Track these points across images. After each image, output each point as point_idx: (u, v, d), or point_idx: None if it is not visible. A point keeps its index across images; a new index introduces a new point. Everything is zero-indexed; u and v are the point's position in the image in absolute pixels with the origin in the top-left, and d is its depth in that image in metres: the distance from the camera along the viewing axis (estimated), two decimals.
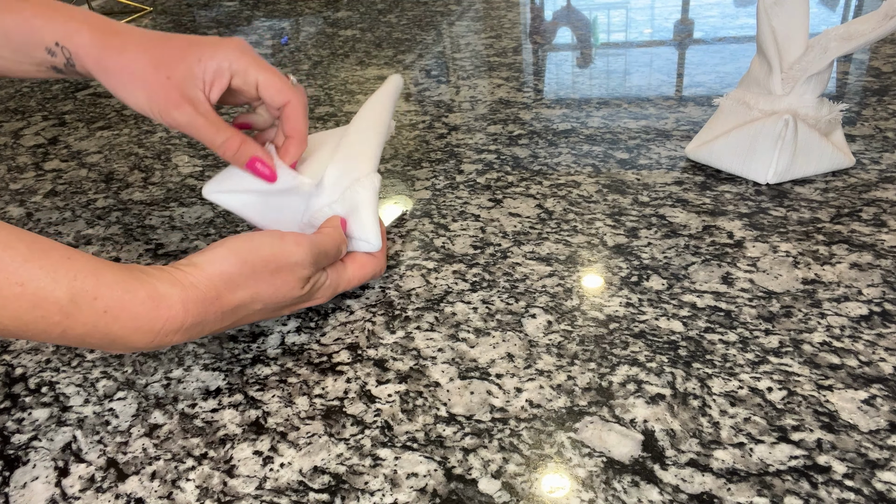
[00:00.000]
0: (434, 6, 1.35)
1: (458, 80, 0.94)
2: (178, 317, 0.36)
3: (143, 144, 0.82)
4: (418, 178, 0.67)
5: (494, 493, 0.34)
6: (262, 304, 0.40)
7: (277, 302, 0.41)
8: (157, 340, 0.36)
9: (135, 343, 0.35)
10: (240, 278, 0.39)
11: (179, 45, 0.44)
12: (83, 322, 0.33)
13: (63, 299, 0.33)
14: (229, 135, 0.45)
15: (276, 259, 0.40)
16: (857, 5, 1.13)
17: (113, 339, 0.35)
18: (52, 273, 0.33)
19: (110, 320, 0.34)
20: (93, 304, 0.33)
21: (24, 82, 1.13)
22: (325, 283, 0.44)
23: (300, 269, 0.41)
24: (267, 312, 0.42)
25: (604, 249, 0.52)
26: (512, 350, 0.43)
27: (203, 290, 0.37)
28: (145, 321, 0.35)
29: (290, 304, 0.43)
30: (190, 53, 0.44)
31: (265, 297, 0.40)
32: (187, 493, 0.36)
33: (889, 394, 0.37)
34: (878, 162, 0.61)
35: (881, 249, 0.49)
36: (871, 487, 0.32)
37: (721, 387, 0.39)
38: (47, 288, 0.32)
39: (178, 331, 0.36)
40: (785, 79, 0.58)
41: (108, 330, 0.34)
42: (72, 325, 0.33)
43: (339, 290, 0.46)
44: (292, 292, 0.41)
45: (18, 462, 0.39)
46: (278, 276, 0.40)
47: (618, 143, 0.69)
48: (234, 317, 0.39)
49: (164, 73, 0.43)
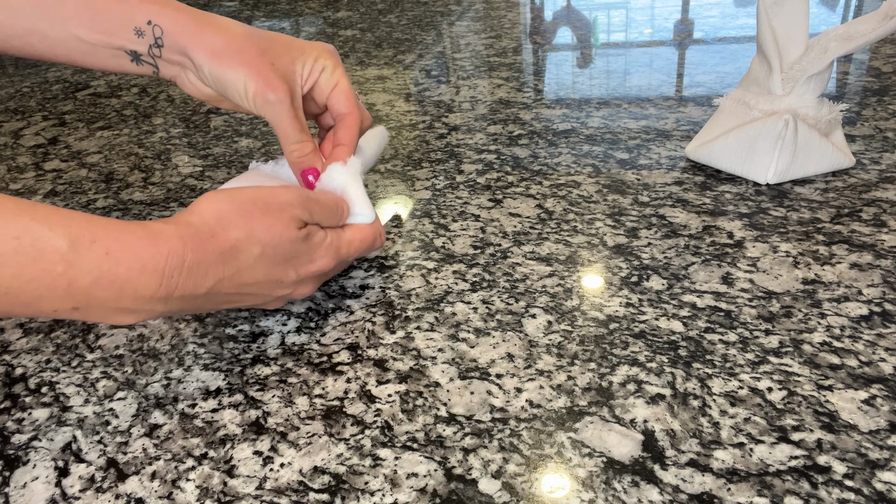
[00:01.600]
0: (434, 6, 1.35)
1: (458, 80, 0.94)
2: (179, 251, 0.35)
3: (143, 144, 0.82)
4: (418, 178, 0.67)
5: (494, 493, 0.34)
6: (260, 247, 0.39)
7: (276, 246, 0.40)
8: (165, 285, 0.35)
9: (144, 289, 0.35)
10: (230, 216, 0.38)
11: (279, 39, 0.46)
12: (88, 269, 0.33)
13: (62, 247, 0.32)
14: (305, 138, 0.46)
15: (264, 198, 0.40)
16: (857, 5, 1.13)
17: (121, 286, 0.34)
18: (45, 223, 0.32)
19: (114, 262, 0.33)
20: (92, 248, 0.33)
21: (24, 82, 1.13)
22: (326, 241, 0.43)
23: (290, 209, 0.41)
24: (270, 264, 0.40)
25: (604, 249, 0.52)
26: (512, 350, 0.43)
27: (197, 227, 0.37)
28: (148, 259, 0.34)
29: (291, 253, 0.41)
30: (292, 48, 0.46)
31: (261, 236, 0.39)
32: (187, 493, 0.36)
33: (889, 394, 0.37)
34: (878, 162, 0.61)
35: (881, 249, 0.49)
36: (871, 487, 0.32)
37: (721, 387, 0.39)
38: (44, 237, 0.32)
39: (181, 269, 0.36)
40: (785, 79, 0.58)
41: (115, 275, 0.33)
42: (77, 276, 0.32)
43: (341, 253, 0.45)
44: (288, 232, 0.40)
45: (18, 462, 0.39)
46: (269, 214, 0.40)
47: (618, 143, 0.69)
48: (237, 263, 0.39)
49: (269, 59, 0.44)
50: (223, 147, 0.79)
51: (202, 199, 0.39)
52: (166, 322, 0.49)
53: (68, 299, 0.33)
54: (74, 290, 0.33)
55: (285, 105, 0.44)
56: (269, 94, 0.44)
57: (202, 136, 0.83)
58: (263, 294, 0.42)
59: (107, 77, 1.13)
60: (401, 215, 0.60)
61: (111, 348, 0.47)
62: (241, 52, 0.44)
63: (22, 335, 0.49)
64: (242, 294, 0.41)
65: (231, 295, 0.40)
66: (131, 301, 0.35)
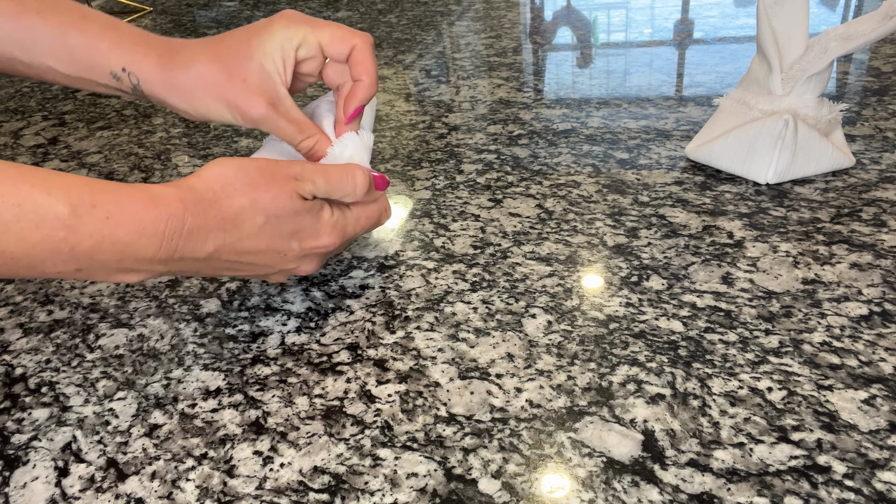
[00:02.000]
0: (434, 6, 1.35)
1: (458, 80, 0.93)
2: (179, 214, 0.36)
3: (143, 144, 0.82)
4: (418, 178, 0.67)
5: (494, 493, 0.34)
6: (264, 216, 0.39)
7: (280, 216, 0.40)
8: (165, 247, 0.36)
9: (145, 251, 0.35)
10: (236, 181, 0.39)
11: (239, 43, 0.45)
12: (89, 234, 0.33)
13: (63, 213, 0.32)
14: (305, 136, 0.46)
15: (271, 169, 0.40)
16: (857, 5, 1.13)
17: (122, 249, 0.34)
18: (45, 189, 0.32)
19: (114, 226, 0.34)
20: (93, 212, 0.33)
21: (24, 82, 1.13)
22: (333, 218, 0.43)
23: (296, 182, 0.40)
24: (273, 234, 0.40)
25: (604, 249, 0.52)
26: (512, 350, 0.43)
27: (200, 192, 0.37)
28: (149, 222, 0.35)
29: (296, 225, 0.41)
30: (253, 48, 0.44)
31: (265, 205, 0.39)
32: (187, 493, 0.36)
33: (889, 394, 0.37)
34: (878, 162, 0.61)
35: (881, 249, 0.49)
36: (871, 487, 0.32)
37: (721, 387, 0.39)
38: (45, 204, 0.32)
39: (181, 232, 0.36)
40: (785, 79, 0.58)
41: (116, 238, 0.34)
42: (79, 241, 0.33)
43: (347, 232, 0.45)
44: (293, 203, 0.40)
45: (18, 462, 0.39)
46: (275, 184, 0.40)
47: (618, 143, 0.69)
48: (239, 231, 0.39)
49: (239, 78, 0.44)
50: (223, 147, 0.79)
51: (211, 163, 0.40)
52: (166, 322, 0.49)
53: (71, 262, 0.34)
54: (77, 253, 0.33)
55: (271, 116, 0.44)
56: (251, 114, 0.44)
57: (202, 136, 0.83)
58: (265, 265, 0.42)
59: None
60: (401, 215, 0.60)
61: (111, 348, 0.47)
62: (211, 87, 0.44)
63: (22, 335, 0.49)
64: (244, 263, 0.41)
65: (232, 262, 0.40)
66: (132, 262, 0.35)
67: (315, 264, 0.45)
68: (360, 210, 0.46)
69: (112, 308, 0.51)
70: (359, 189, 0.43)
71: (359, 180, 0.43)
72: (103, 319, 0.50)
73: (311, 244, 0.43)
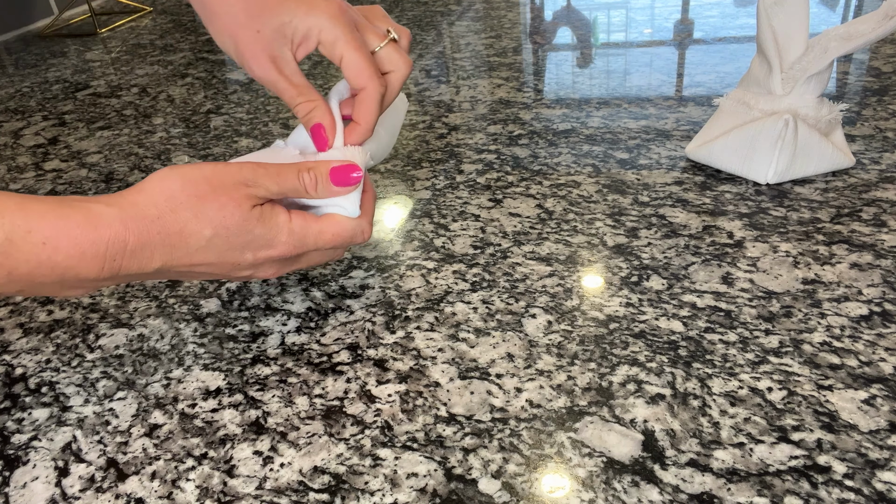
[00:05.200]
0: (434, 6, 1.35)
1: (458, 80, 0.93)
2: (120, 236, 0.35)
3: (143, 144, 0.82)
4: (418, 178, 0.67)
5: (494, 493, 0.34)
6: (211, 229, 0.38)
7: (228, 227, 0.38)
8: (108, 267, 0.35)
9: (87, 273, 0.34)
10: (181, 194, 0.37)
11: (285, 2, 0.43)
12: (25, 259, 0.33)
13: None
14: (304, 99, 0.44)
15: (217, 175, 0.38)
16: (857, 5, 1.13)
17: (62, 272, 0.34)
18: None
19: (52, 251, 0.33)
20: (28, 238, 0.33)
21: (24, 82, 1.13)
22: (289, 225, 0.41)
23: (245, 187, 0.39)
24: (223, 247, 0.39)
25: (604, 249, 0.52)
26: (512, 350, 0.43)
27: (142, 207, 0.36)
28: (88, 245, 0.34)
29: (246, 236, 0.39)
30: (284, 10, 0.43)
31: (211, 215, 0.38)
32: (187, 493, 0.36)
33: (889, 394, 0.37)
34: (878, 162, 0.61)
35: (881, 249, 0.49)
36: (871, 487, 0.32)
37: (721, 387, 0.39)
38: None
39: (123, 253, 0.35)
40: (785, 79, 0.58)
41: (54, 262, 0.33)
42: (14, 265, 0.32)
43: (306, 243, 0.42)
44: (241, 211, 0.38)
45: (18, 462, 0.39)
46: (223, 192, 0.38)
47: (618, 143, 0.69)
48: (186, 245, 0.37)
49: (255, 26, 0.43)
50: (223, 147, 0.79)
51: (153, 176, 0.38)
52: (166, 322, 0.49)
53: (11, 285, 0.33)
54: (15, 277, 0.33)
55: (270, 74, 0.43)
56: (252, 67, 0.43)
57: (202, 136, 0.83)
58: (220, 273, 0.41)
59: (107, 77, 1.13)
60: (401, 215, 0.60)
61: (111, 348, 0.47)
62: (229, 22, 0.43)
63: (22, 335, 0.49)
64: (197, 272, 0.40)
65: (183, 272, 0.39)
66: (75, 282, 0.35)
67: (274, 270, 0.43)
68: (326, 224, 0.42)
69: (112, 308, 0.51)
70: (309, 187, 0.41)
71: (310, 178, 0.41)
72: (103, 319, 0.50)
73: (264, 254, 0.40)
